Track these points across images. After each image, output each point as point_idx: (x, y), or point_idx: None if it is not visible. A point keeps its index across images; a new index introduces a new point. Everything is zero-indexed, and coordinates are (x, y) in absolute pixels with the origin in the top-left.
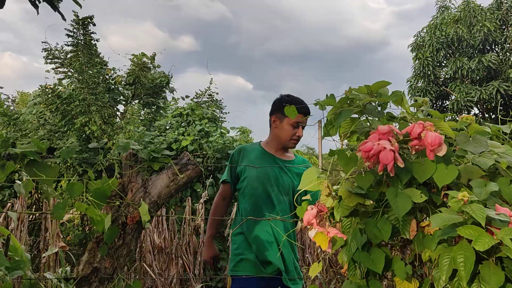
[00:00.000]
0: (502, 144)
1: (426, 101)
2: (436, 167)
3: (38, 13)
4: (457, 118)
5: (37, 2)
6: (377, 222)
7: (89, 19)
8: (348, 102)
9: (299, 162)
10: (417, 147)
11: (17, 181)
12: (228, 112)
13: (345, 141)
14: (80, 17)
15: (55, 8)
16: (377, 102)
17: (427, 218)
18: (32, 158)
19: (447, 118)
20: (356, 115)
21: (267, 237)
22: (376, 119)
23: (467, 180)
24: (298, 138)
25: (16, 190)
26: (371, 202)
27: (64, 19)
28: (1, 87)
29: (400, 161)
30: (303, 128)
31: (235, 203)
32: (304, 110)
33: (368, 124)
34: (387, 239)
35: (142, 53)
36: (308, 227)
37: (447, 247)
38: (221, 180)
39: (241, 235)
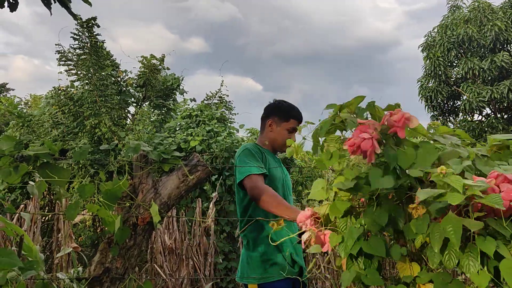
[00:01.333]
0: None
1: (438, 124)
2: (417, 154)
3: (51, 13)
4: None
5: (50, 2)
6: (374, 211)
7: (92, 21)
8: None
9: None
10: (398, 133)
11: (30, 182)
12: (237, 113)
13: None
14: (84, 19)
15: (67, 7)
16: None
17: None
18: (45, 160)
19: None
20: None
21: (293, 239)
22: (352, 122)
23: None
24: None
25: (29, 191)
26: (362, 200)
27: (75, 18)
28: (13, 89)
29: (377, 147)
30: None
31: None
32: (300, 117)
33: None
34: (384, 224)
35: (151, 55)
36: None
37: (435, 224)
38: (258, 172)
39: (265, 239)
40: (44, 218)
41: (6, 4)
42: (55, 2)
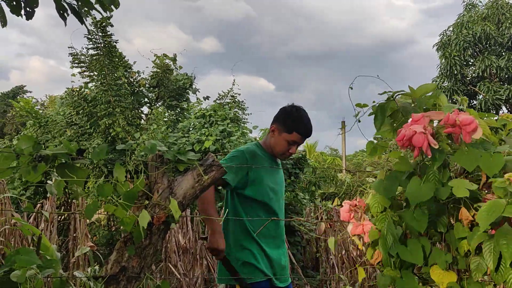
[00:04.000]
0: None
1: (465, 99)
2: (480, 158)
3: (65, 25)
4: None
5: (65, 15)
6: (414, 213)
7: (106, 20)
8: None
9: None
10: (454, 135)
11: (49, 182)
12: (251, 113)
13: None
14: (97, 19)
15: (82, 21)
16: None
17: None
18: (63, 159)
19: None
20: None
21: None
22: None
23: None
24: (290, 154)
25: (48, 190)
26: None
27: (89, 32)
28: (30, 91)
29: (433, 142)
30: (298, 146)
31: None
32: (306, 133)
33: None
34: (422, 231)
35: (164, 54)
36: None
37: (487, 235)
38: (226, 180)
39: (245, 239)
40: (60, 217)
41: (22, 12)
42: (68, 16)
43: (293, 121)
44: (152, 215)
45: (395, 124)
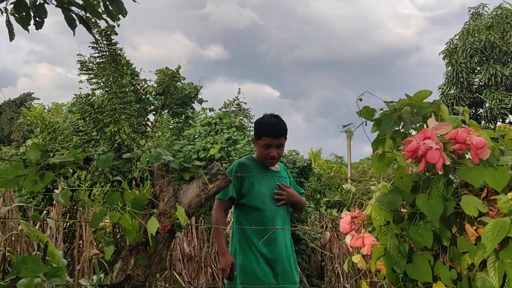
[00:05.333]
0: None
1: (466, 110)
2: (486, 173)
3: (74, 34)
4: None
5: (74, 25)
6: (417, 228)
7: (112, 28)
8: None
9: (282, 170)
10: (459, 151)
11: (56, 191)
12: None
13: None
14: (102, 28)
15: (90, 31)
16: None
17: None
18: (70, 168)
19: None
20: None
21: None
22: (409, 123)
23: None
24: (272, 157)
25: (55, 199)
26: (405, 209)
27: (96, 41)
28: (38, 98)
29: (447, 158)
30: (277, 147)
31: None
32: (272, 133)
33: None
34: (430, 246)
35: (166, 67)
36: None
37: (492, 251)
38: (227, 198)
39: (246, 249)
40: (66, 224)
41: (32, 22)
42: (76, 26)
43: (259, 128)
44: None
45: (396, 136)
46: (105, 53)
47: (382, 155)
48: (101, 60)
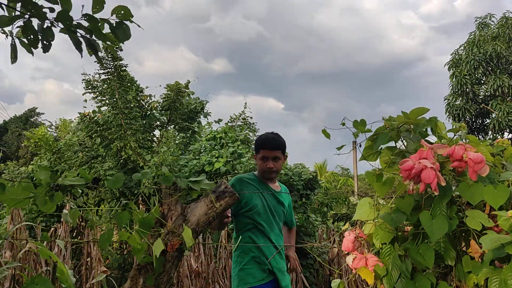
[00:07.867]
0: None
1: (464, 126)
2: (485, 190)
3: (82, 56)
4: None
5: (81, 47)
6: (419, 248)
7: (116, 45)
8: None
9: (283, 191)
10: (459, 169)
11: (64, 211)
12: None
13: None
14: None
15: (96, 53)
16: (412, 128)
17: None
18: (79, 189)
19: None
20: (392, 143)
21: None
22: (412, 142)
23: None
24: (269, 169)
25: (64, 219)
26: (408, 228)
27: (102, 64)
28: (43, 113)
29: (442, 179)
30: (274, 160)
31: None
32: (268, 145)
33: (403, 147)
34: (431, 266)
35: (176, 82)
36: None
37: (494, 270)
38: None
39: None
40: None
41: (39, 45)
42: (87, 46)
43: (258, 143)
44: (166, 242)
45: (391, 154)
46: (110, 69)
47: (380, 175)
48: (106, 76)
